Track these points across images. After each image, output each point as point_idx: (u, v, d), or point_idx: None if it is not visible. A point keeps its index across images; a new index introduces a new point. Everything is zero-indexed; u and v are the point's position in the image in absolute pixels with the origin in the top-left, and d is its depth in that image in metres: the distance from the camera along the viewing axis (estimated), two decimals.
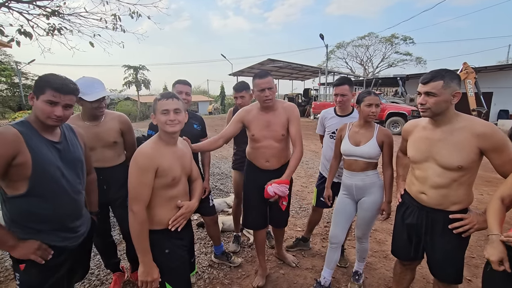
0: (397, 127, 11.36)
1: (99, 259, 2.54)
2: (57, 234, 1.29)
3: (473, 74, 10.88)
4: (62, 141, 1.32)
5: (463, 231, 1.43)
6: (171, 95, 1.43)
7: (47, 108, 1.19)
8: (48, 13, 4.35)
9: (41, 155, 1.19)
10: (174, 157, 1.45)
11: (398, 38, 30.51)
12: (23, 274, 1.23)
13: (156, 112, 1.42)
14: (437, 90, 1.36)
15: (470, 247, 2.81)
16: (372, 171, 1.96)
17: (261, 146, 2.05)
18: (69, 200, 1.31)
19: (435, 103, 1.38)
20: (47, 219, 1.25)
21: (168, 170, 1.38)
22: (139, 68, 30.91)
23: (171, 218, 1.44)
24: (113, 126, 1.92)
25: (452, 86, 1.36)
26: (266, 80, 1.93)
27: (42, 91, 1.19)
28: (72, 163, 1.34)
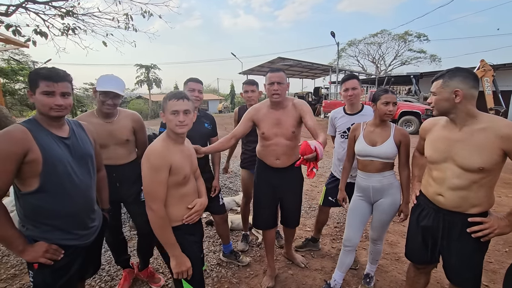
0: (410, 127, 11.10)
1: (110, 255, 2.58)
2: (70, 231, 1.31)
3: (491, 71, 10.48)
4: (71, 137, 1.33)
5: (482, 236, 1.36)
6: (182, 95, 1.41)
7: (45, 99, 1.20)
8: (63, 13, 4.45)
9: (51, 151, 1.20)
10: (183, 155, 1.46)
11: (412, 35, 29.75)
12: (36, 272, 1.25)
13: (165, 111, 1.41)
14: (436, 89, 1.40)
15: (488, 251, 2.68)
16: (389, 171, 1.90)
17: (271, 144, 2.04)
18: (80, 195, 1.32)
19: (436, 101, 1.41)
20: (59, 215, 1.26)
21: (180, 168, 1.39)
22: (151, 67, 31.37)
23: (185, 215, 1.46)
24: (126, 124, 1.94)
25: (451, 84, 1.33)
26: (277, 74, 1.94)
27: (36, 84, 1.19)
28: (82, 158, 1.35)
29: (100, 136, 1.77)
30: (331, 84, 19.35)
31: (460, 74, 1.34)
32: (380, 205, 1.93)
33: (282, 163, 2.06)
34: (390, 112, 1.82)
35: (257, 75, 22.51)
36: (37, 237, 1.24)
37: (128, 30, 4.93)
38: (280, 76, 1.93)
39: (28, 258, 1.21)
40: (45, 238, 1.25)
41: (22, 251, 1.19)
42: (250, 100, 2.51)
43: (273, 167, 2.08)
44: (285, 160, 2.05)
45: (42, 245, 1.22)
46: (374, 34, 31.21)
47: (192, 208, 1.47)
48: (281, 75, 1.94)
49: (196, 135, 2.08)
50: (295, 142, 2.06)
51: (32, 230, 1.24)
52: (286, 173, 2.08)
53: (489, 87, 10.58)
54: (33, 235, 1.24)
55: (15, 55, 20.36)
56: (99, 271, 2.38)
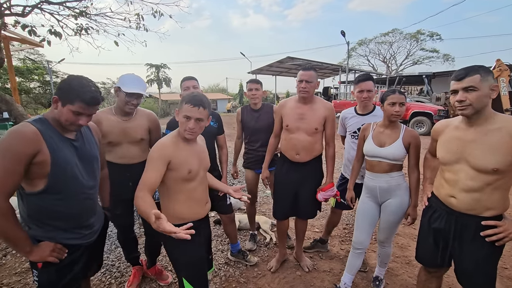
0: (422, 127, 10.87)
1: (119, 252, 2.62)
2: (73, 231, 1.32)
3: (507, 71, 10.15)
4: (79, 139, 1.33)
5: (496, 240, 1.32)
6: (199, 103, 1.39)
7: (72, 117, 1.20)
8: (76, 13, 4.55)
9: (60, 153, 1.21)
10: (191, 151, 1.48)
11: (424, 34, 29.12)
12: (41, 271, 1.26)
13: (180, 111, 1.43)
14: (476, 83, 1.27)
15: (503, 257, 2.61)
16: (397, 172, 1.87)
17: (293, 138, 2.13)
18: (85, 197, 1.33)
19: (477, 97, 1.28)
20: (63, 216, 1.27)
21: (183, 163, 1.40)
22: (161, 67, 31.78)
23: (191, 213, 1.47)
24: (142, 123, 1.94)
25: (489, 79, 1.28)
26: (307, 73, 2.04)
27: (71, 101, 1.18)
28: (88, 160, 1.36)
29: (114, 133, 1.79)
30: (340, 84, 19.14)
31: (490, 70, 1.30)
32: (388, 206, 1.90)
33: (301, 158, 2.14)
34: (397, 112, 1.79)
35: (266, 74, 22.49)
36: (41, 237, 1.24)
37: (139, 30, 5.01)
38: (309, 75, 2.03)
39: (36, 259, 1.22)
40: (48, 238, 1.25)
41: (29, 252, 1.20)
42: (254, 98, 2.50)
43: (293, 161, 2.17)
44: (304, 155, 2.13)
45: (48, 245, 1.23)
46: (385, 33, 30.72)
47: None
48: (311, 74, 2.04)
49: (203, 133, 2.10)
50: (316, 139, 2.14)
51: (35, 230, 1.24)
52: (304, 168, 2.18)
53: (505, 88, 10.24)
54: (36, 235, 1.24)
55: (30, 54, 20.97)
56: (109, 267, 2.43)
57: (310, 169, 2.20)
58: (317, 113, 2.10)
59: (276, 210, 2.37)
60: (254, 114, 2.54)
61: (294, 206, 2.30)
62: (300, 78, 2.05)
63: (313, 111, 2.10)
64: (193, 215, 1.50)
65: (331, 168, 2.18)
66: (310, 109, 2.11)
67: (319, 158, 2.24)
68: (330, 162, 2.18)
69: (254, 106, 2.54)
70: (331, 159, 2.19)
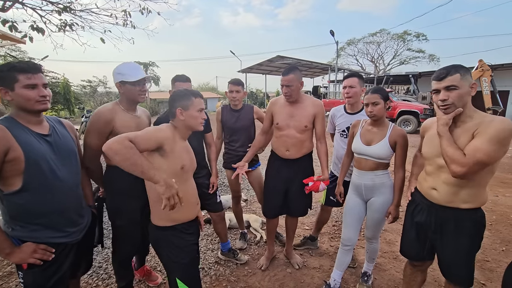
0: (408, 126, 11.13)
1: (107, 253, 2.57)
2: (58, 229, 1.28)
3: (489, 71, 10.50)
4: (52, 134, 1.30)
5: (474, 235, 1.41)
6: (200, 94, 1.49)
7: (29, 93, 1.17)
8: (60, 9, 4.41)
9: (33, 149, 1.17)
10: (185, 148, 1.48)
11: (411, 35, 29.76)
12: (26, 272, 1.22)
13: (190, 107, 1.42)
14: (457, 82, 1.31)
15: (484, 250, 2.72)
16: (382, 171, 1.89)
17: (283, 135, 2.16)
18: (66, 193, 1.30)
19: (458, 96, 1.32)
20: (46, 213, 1.24)
21: (177, 155, 1.38)
22: (149, 65, 31.19)
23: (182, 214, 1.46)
24: (145, 120, 1.88)
25: (468, 78, 1.32)
26: (286, 78, 2.05)
27: (14, 79, 1.15)
28: (66, 155, 1.32)
29: (128, 128, 1.64)
30: (329, 83, 19.36)
31: (468, 69, 1.35)
32: (372, 204, 1.93)
33: (291, 155, 2.17)
34: (370, 113, 1.81)
35: (256, 73, 22.48)
36: (25, 237, 1.21)
37: (126, 27, 4.89)
38: (288, 79, 2.04)
39: (16, 261, 1.19)
40: (33, 238, 1.22)
41: (9, 254, 1.17)
42: (234, 100, 2.47)
43: (284, 158, 2.20)
44: (294, 152, 2.17)
45: (29, 246, 1.20)
46: (373, 34, 31.23)
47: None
48: (290, 78, 2.03)
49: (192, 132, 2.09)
50: (306, 136, 2.17)
51: (19, 231, 1.21)
52: (295, 165, 2.20)
53: (487, 87, 10.60)
54: (20, 236, 1.21)
55: (11, 51, 20.18)
56: (96, 269, 2.37)
57: (300, 166, 2.22)
58: (306, 111, 2.12)
59: (266, 208, 2.38)
60: (234, 114, 2.52)
61: (285, 204, 2.31)
62: (281, 83, 2.09)
63: (302, 109, 2.13)
64: (186, 216, 1.49)
65: (325, 163, 2.14)
66: (299, 107, 2.14)
67: (309, 155, 2.26)
68: (323, 157, 2.15)
69: (235, 107, 2.53)
70: (325, 154, 2.16)
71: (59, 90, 18.10)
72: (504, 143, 1.22)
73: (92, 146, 1.60)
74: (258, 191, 2.62)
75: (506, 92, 14.32)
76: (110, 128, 1.61)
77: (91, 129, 1.61)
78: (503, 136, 1.21)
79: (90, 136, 1.61)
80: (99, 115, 1.61)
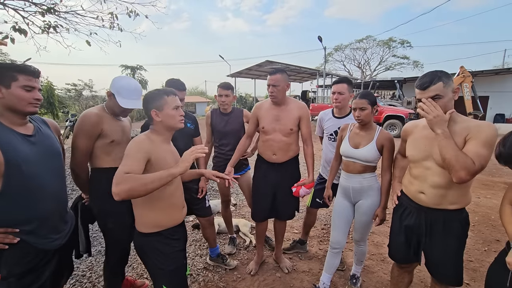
0: (394, 130, 11.38)
1: (91, 261, 2.49)
2: (40, 235, 1.23)
3: (470, 78, 10.93)
4: (36, 134, 1.25)
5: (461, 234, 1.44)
6: (174, 91, 1.44)
7: (26, 94, 1.16)
8: (43, 10, 4.30)
9: (14, 150, 1.13)
10: (169, 152, 1.44)
11: (396, 42, 30.65)
12: (1, 284, 1.15)
13: (164, 107, 1.37)
14: (441, 91, 1.33)
15: (468, 251, 2.79)
16: (369, 173, 1.92)
17: (269, 139, 2.16)
18: (50, 197, 1.25)
19: (443, 104, 1.34)
20: (27, 220, 1.18)
21: (163, 163, 1.33)
22: (137, 68, 30.75)
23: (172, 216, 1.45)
24: (127, 124, 1.90)
25: (450, 83, 1.35)
26: (273, 77, 2.06)
27: (13, 78, 1.14)
28: (50, 156, 1.28)
29: (116, 132, 1.70)
30: (318, 87, 19.62)
31: (449, 74, 1.38)
32: (360, 206, 1.95)
33: (278, 159, 2.17)
34: (357, 118, 1.84)
35: (245, 77, 22.55)
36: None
37: (113, 29, 4.82)
38: (275, 79, 2.05)
39: None
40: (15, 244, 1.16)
41: None
42: (224, 104, 2.47)
43: (270, 162, 2.20)
44: (281, 155, 2.17)
45: None
46: (360, 40, 31.98)
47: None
48: (277, 78, 2.05)
49: (180, 135, 2.06)
50: (292, 139, 2.17)
51: None
52: (282, 168, 2.20)
53: (468, 93, 11.01)
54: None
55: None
56: (79, 278, 2.29)
57: (287, 169, 2.22)
58: (291, 114, 2.13)
59: (255, 212, 2.37)
60: (223, 118, 2.52)
61: (273, 207, 2.31)
62: (268, 82, 2.09)
63: (287, 112, 2.13)
64: (172, 221, 1.45)
65: (311, 166, 2.16)
66: (284, 111, 2.14)
67: (295, 158, 2.27)
68: (309, 160, 2.17)
69: (224, 111, 2.52)
70: (310, 157, 2.17)
71: (42, 94, 17.54)
72: (493, 147, 1.27)
73: (81, 148, 1.58)
74: (248, 195, 2.60)
75: (486, 97, 14.91)
76: (99, 130, 1.61)
77: (79, 131, 1.59)
78: (494, 140, 1.26)
79: (79, 138, 1.58)
80: (87, 117, 1.60)
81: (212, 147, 2.67)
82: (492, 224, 3.40)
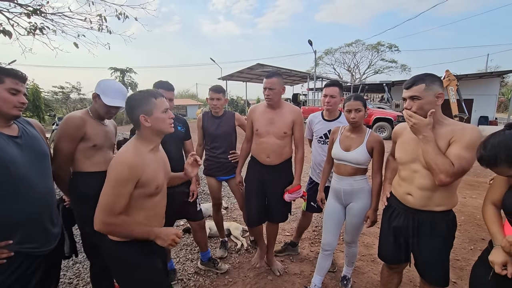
0: (383, 132, 11.58)
1: (78, 268, 2.43)
2: (29, 239, 1.19)
3: (455, 81, 11.26)
4: (22, 135, 1.23)
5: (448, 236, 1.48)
6: (161, 92, 1.33)
7: (10, 97, 1.16)
8: (29, 11, 4.20)
9: (1, 151, 1.11)
10: (157, 162, 1.32)
11: (384, 46, 31.37)
12: None
13: (153, 112, 1.25)
14: (420, 93, 1.38)
15: (454, 250, 2.85)
16: (360, 176, 1.94)
17: (263, 142, 2.18)
18: (39, 199, 1.22)
19: (420, 106, 1.39)
20: (15, 222, 1.15)
21: (152, 179, 1.25)
22: (126, 71, 30.40)
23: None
24: (112, 128, 1.89)
25: (434, 88, 1.38)
26: (270, 80, 2.10)
27: (0, 80, 1.14)
28: (37, 158, 1.26)
29: (98, 136, 1.69)
30: (309, 90, 19.82)
31: (438, 79, 1.42)
32: (351, 209, 1.97)
33: (272, 161, 2.19)
34: (353, 119, 1.84)
35: (236, 80, 22.54)
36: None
37: (102, 31, 4.75)
38: (271, 82, 2.09)
39: None
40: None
41: None
42: (216, 108, 2.47)
43: (264, 164, 2.21)
44: (274, 158, 2.18)
45: None
46: (349, 44, 32.58)
47: None
48: (273, 81, 2.09)
49: (170, 139, 2.04)
50: (286, 142, 2.20)
51: None
52: (275, 171, 2.22)
53: (453, 96, 11.35)
54: None
55: None
56: (66, 286, 2.23)
57: (280, 171, 2.24)
58: (285, 118, 2.15)
59: (250, 217, 2.37)
60: (215, 121, 2.51)
61: (266, 210, 2.31)
62: (264, 86, 2.12)
63: (281, 115, 2.16)
64: None
65: (299, 171, 2.23)
66: (278, 114, 2.16)
67: (288, 161, 2.28)
68: (298, 165, 2.24)
69: (216, 114, 2.52)
70: (299, 162, 2.23)
71: (28, 97, 17.10)
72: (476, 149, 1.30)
73: (64, 151, 1.58)
74: (239, 198, 2.60)
75: (471, 100, 15.37)
76: (81, 133, 1.60)
77: (62, 134, 1.59)
78: (477, 143, 1.27)
79: (61, 141, 1.58)
80: (70, 120, 1.60)
81: (204, 150, 2.66)
82: (477, 223, 3.50)
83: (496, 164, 1.09)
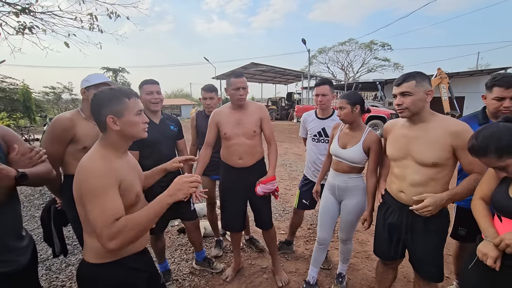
0: (377, 130, 11.68)
1: (71, 270, 2.40)
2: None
3: (446, 79, 11.42)
4: None
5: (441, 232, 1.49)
6: (135, 92, 1.17)
7: None
8: (18, 10, 4.12)
9: None
10: (130, 169, 1.17)
11: (377, 44, 31.64)
12: None
13: (124, 113, 1.07)
14: (411, 89, 1.41)
15: (447, 245, 2.87)
16: (355, 174, 1.94)
17: (233, 144, 2.10)
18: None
19: (412, 102, 1.42)
20: None
21: (131, 186, 1.11)
22: (119, 71, 30.09)
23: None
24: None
25: (424, 84, 1.41)
26: (242, 80, 2.04)
27: None
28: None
29: (89, 138, 1.62)
30: (303, 89, 19.89)
31: (427, 76, 1.44)
32: (345, 206, 1.98)
33: (245, 163, 2.12)
34: (339, 117, 1.90)
35: None
36: None
37: (93, 31, 4.69)
38: (243, 82, 2.05)
39: None
40: None
41: None
42: (209, 107, 2.46)
43: (237, 167, 2.13)
44: (247, 159, 2.12)
45: None
46: (343, 43, 32.75)
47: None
48: (244, 80, 2.06)
49: (163, 138, 2.04)
50: (256, 141, 2.14)
51: None
52: (250, 173, 2.13)
53: (445, 93, 11.51)
54: None
55: None
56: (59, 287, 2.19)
57: (256, 172, 2.14)
58: (252, 116, 2.11)
59: (227, 222, 2.28)
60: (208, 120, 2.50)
61: (244, 215, 2.29)
62: (237, 85, 2.01)
63: (248, 114, 2.11)
64: (132, 248, 1.13)
65: (273, 162, 2.14)
66: (245, 113, 2.11)
67: (262, 161, 2.23)
68: (272, 157, 2.16)
69: (209, 113, 2.50)
70: (273, 154, 2.16)
71: (18, 98, 16.80)
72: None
73: (52, 154, 1.49)
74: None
75: (462, 98, 15.62)
76: (71, 135, 1.57)
77: (49, 136, 1.55)
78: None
79: (49, 143, 1.54)
80: (58, 122, 1.57)
81: (197, 150, 2.64)
82: None
83: (486, 154, 1.11)
